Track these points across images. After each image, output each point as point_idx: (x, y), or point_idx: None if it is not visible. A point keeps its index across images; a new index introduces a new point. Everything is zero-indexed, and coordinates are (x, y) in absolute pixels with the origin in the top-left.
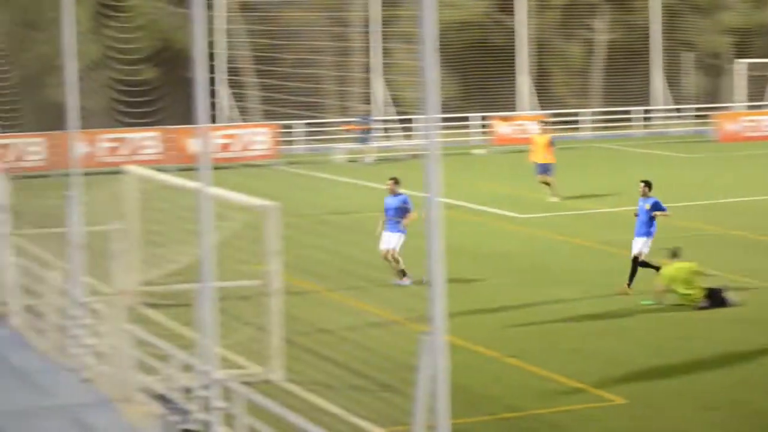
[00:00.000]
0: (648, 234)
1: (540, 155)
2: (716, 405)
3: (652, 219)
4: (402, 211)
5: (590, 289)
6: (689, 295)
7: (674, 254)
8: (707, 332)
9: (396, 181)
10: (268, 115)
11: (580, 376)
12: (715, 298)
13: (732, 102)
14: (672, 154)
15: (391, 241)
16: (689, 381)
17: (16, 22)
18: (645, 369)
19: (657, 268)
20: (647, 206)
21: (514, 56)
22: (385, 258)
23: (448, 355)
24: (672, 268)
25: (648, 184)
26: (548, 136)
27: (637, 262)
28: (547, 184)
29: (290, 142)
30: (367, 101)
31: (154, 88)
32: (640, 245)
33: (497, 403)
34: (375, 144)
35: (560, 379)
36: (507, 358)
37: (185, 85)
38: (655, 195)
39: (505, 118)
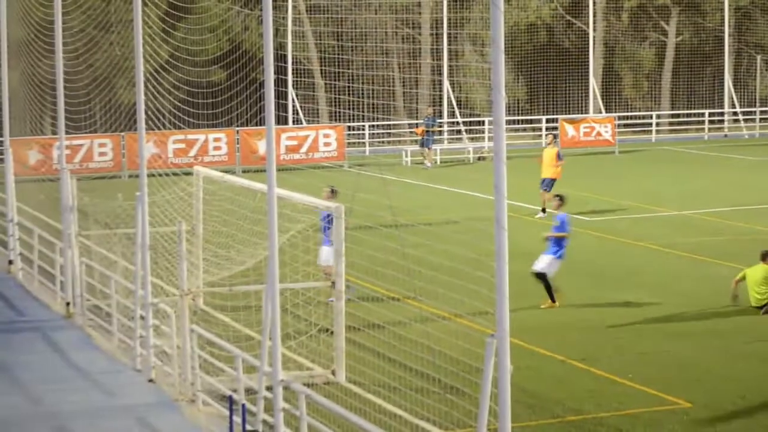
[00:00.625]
0: (555, 253)
1: (545, 169)
2: None
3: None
4: (331, 223)
5: (656, 293)
6: (757, 296)
7: (764, 256)
8: None
9: (332, 191)
10: (336, 117)
11: (645, 380)
12: None
13: None
14: (741, 157)
15: (328, 256)
16: (754, 384)
17: (88, 23)
18: (710, 372)
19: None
20: (556, 223)
21: (582, 59)
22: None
23: (511, 357)
24: (751, 269)
25: (561, 198)
26: (555, 149)
27: (539, 277)
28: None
29: (357, 144)
30: (435, 103)
31: (222, 90)
32: (544, 263)
33: (561, 406)
34: (442, 146)
35: (624, 382)
36: (572, 361)
37: (253, 87)
38: (717, 198)
39: (572, 121)
